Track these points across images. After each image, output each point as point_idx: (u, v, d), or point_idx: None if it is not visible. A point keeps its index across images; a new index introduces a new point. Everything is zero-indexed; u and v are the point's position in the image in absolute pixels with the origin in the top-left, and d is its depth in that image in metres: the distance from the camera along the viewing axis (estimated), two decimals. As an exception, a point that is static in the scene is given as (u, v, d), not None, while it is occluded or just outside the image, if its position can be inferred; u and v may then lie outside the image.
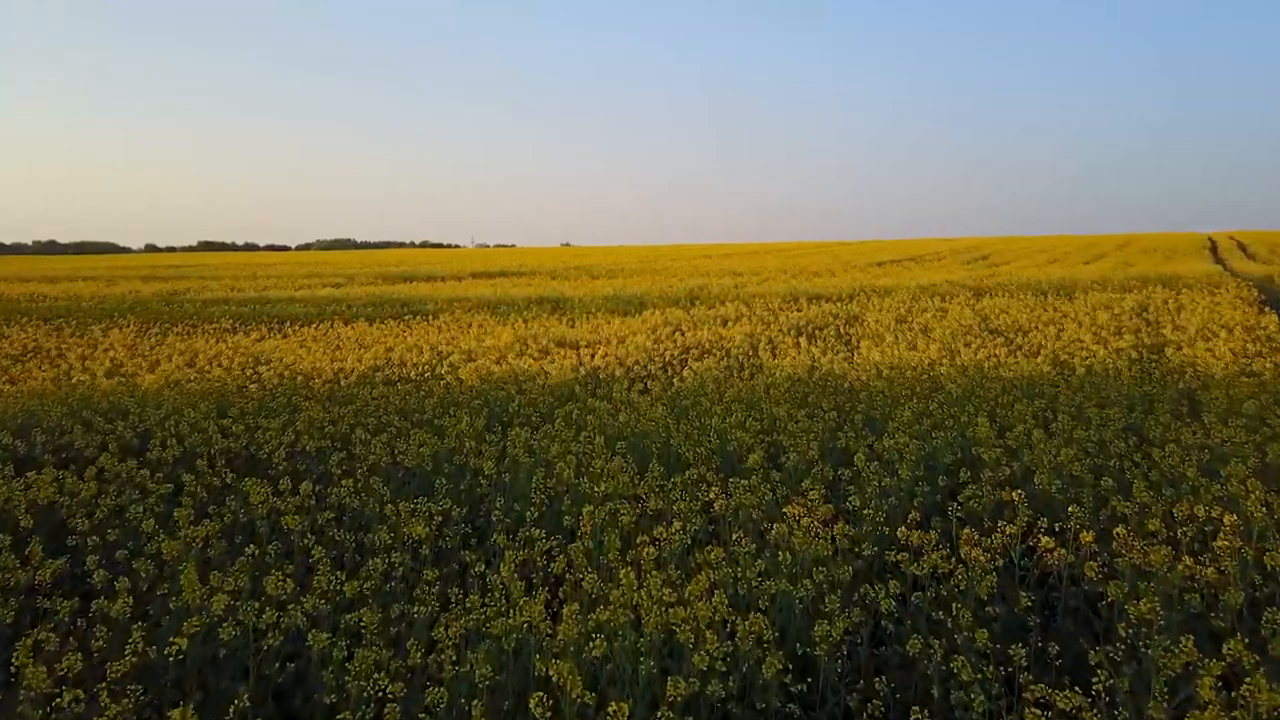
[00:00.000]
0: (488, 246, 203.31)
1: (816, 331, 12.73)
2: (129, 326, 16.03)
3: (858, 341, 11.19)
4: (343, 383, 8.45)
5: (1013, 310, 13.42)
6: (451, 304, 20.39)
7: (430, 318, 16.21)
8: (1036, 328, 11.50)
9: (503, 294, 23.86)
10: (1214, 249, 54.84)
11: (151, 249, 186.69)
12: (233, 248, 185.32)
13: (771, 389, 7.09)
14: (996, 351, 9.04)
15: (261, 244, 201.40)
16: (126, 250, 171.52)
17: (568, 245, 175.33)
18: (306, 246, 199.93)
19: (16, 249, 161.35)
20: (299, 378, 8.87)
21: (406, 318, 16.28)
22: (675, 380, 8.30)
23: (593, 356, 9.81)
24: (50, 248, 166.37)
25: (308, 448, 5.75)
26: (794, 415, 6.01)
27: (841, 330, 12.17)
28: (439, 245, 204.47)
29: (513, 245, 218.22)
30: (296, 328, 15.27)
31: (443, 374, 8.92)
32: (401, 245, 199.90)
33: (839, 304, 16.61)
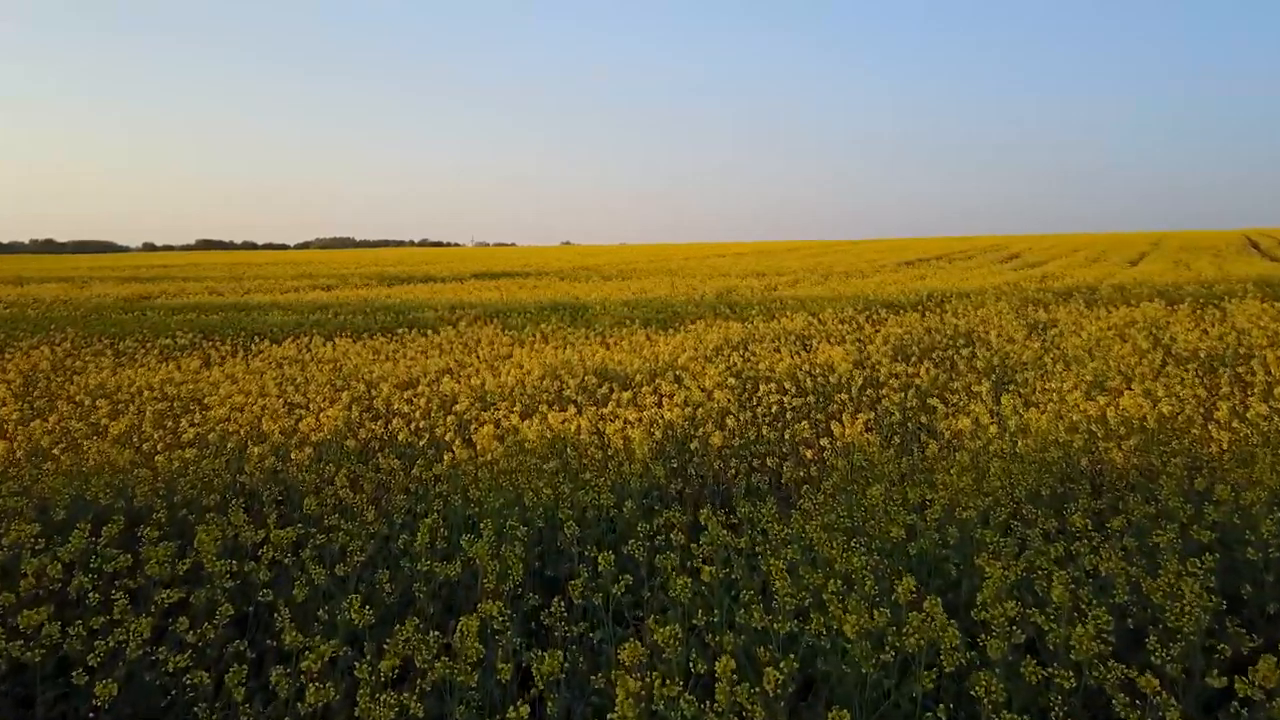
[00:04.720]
0: (488, 245, 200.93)
1: (930, 356, 9.78)
2: (63, 342, 13.07)
3: (1012, 373, 8.25)
4: (294, 455, 5.49)
5: (1179, 329, 10.45)
6: (453, 311, 17.49)
7: (429, 331, 13.28)
8: (1249, 354, 8.55)
9: (510, 299, 20.99)
10: (1257, 247, 52.00)
11: (149, 248, 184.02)
12: (231, 246, 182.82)
13: (999, 479, 4.13)
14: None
15: (260, 243, 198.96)
16: (124, 249, 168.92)
17: (568, 244, 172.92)
18: (305, 245, 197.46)
19: (14, 248, 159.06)
20: (231, 441, 5.92)
21: (400, 331, 13.33)
22: (806, 454, 5.36)
23: (659, 402, 6.87)
24: (47, 246, 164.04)
25: (173, 666, 2.80)
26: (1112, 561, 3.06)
27: (968, 356, 9.20)
28: (439, 244, 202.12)
29: (513, 244, 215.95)
30: (266, 345, 12.32)
31: (446, 435, 5.98)
32: (401, 244, 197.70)
33: (928, 314, 13.66)
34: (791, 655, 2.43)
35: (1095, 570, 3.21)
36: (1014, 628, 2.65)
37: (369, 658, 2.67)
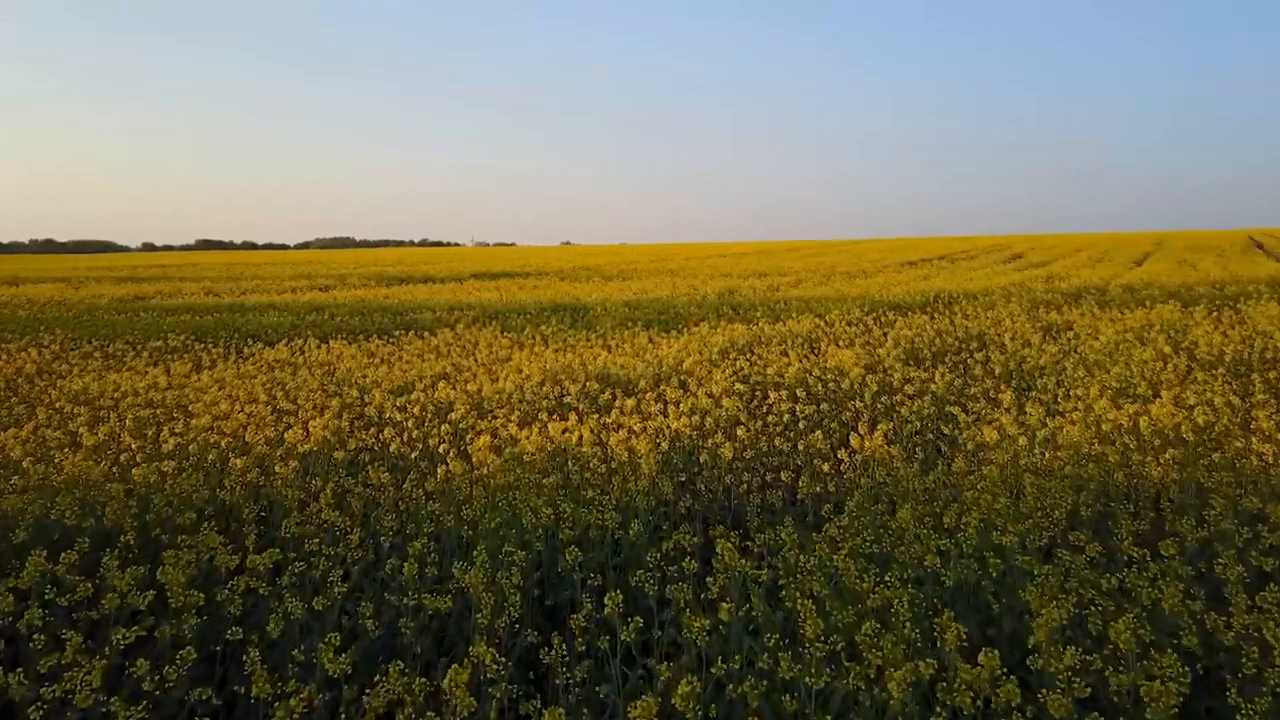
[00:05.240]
0: (487, 245, 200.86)
1: (943, 360, 9.47)
2: (52, 344, 12.75)
3: (1030, 378, 7.93)
4: (278, 469, 5.18)
5: (1198, 332, 10.13)
6: (451, 312, 17.18)
7: (426, 333, 12.97)
8: (1275, 359, 8.24)
9: (510, 300, 20.67)
10: (1261, 247, 51.65)
11: (149, 248, 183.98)
12: (231, 246, 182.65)
13: (1035, 498, 3.82)
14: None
15: (260, 243, 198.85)
16: (124, 249, 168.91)
17: (568, 244, 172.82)
18: (305, 245, 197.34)
19: (14, 248, 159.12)
20: (212, 453, 5.60)
21: (397, 333, 13.02)
22: (822, 467, 5.04)
23: (665, 411, 6.55)
24: (48, 246, 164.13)
25: None
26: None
27: (982, 360, 8.87)
28: (439, 244, 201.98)
29: (513, 244, 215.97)
30: (259, 348, 12.00)
31: (440, 447, 5.66)
32: (401, 244, 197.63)
33: (937, 316, 13.34)
34: (827, 716, 2.12)
35: (1155, 603, 2.89)
36: (1076, 679, 2.34)
37: (347, 707, 2.36)
